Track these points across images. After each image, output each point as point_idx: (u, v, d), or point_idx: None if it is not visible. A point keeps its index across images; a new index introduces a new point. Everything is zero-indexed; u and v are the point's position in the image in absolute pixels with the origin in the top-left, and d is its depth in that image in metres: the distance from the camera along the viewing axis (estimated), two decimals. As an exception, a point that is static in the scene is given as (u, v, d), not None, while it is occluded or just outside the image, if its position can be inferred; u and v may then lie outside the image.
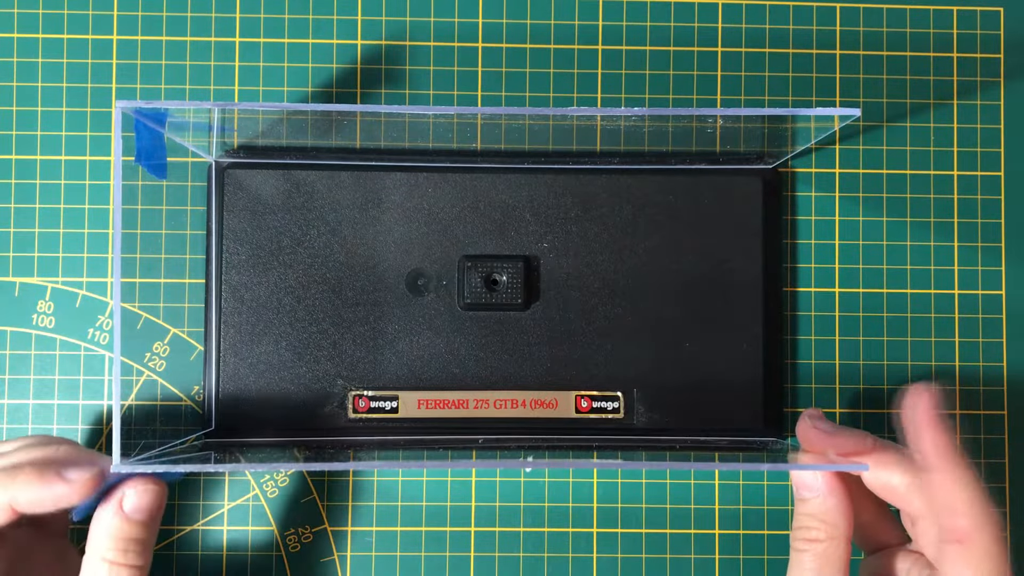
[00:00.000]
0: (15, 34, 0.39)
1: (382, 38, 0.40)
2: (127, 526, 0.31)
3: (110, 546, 0.31)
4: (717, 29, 0.40)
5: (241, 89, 0.39)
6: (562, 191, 0.39)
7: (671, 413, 0.38)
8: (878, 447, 0.32)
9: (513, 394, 0.38)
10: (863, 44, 0.40)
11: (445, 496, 0.39)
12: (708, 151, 0.40)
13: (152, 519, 0.32)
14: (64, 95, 0.39)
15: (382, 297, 0.38)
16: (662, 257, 0.39)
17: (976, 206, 0.40)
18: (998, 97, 0.41)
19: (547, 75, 0.40)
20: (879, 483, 0.32)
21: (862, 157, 0.40)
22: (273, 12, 0.40)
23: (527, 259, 0.38)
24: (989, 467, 0.40)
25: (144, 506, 0.32)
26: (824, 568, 0.32)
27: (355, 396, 0.38)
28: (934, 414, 0.31)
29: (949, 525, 0.31)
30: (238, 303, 0.38)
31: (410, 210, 0.38)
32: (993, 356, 0.40)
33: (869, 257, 0.40)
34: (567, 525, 0.39)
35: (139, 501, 0.32)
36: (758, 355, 0.38)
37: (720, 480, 0.39)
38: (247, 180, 0.38)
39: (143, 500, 0.32)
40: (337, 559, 0.39)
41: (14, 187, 0.39)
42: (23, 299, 0.39)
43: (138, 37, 0.39)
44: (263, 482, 0.39)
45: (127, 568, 0.31)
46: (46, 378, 0.39)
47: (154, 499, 0.32)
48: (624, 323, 0.38)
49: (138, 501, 0.32)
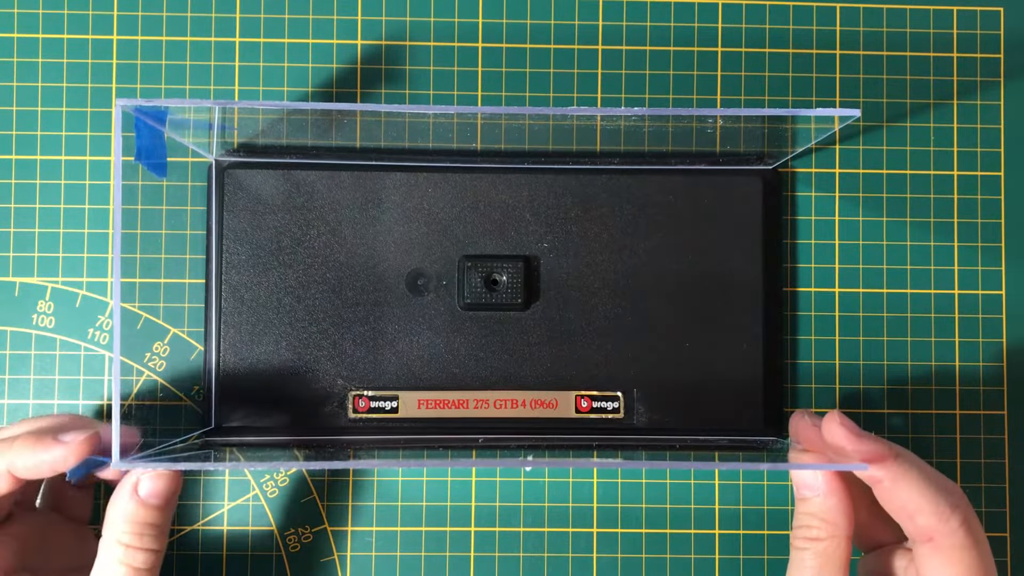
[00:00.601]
0: (15, 34, 0.39)
1: (382, 38, 0.40)
2: (143, 510, 0.32)
3: (126, 529, 0.32)
4: (717, 29, 0.40)
5: (241, 89, 0.39)
6: (562, 191, 0.39)
7: (671, 413, 0.38)
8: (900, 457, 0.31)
9: (513, 394, 0.38)
10: (863, 44, 0.41)
11: (445, 496, 0.39)
12: (708, 151, 0.40)
13: (167, 503, 0.32)
14: (64, 95, 0.39)
15: (382, 297, 0.38)
16: (662, 257, 0.39)
17: (976, 206, 0.40)
18: (998, 97, 0.41)
19: (547, 75, 0.40)
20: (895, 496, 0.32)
21: (862, 157, 0.40)
22: (273, 12, 0.40)
23: (527, 259, 0.38)
24: (989, 467, 0.40)
25: (159, 491, 0.32)
26: (825, 567, 0.32)
27: (355, 396, 0.38)
28: (849, 428, 0.31)
29: (912, 528, 0.31)
30: (238, 303, 0.38)
31: (410, 210, 0.38)
32: (993, 356, 0.40)
33: (869, 257, 0.40)
34: (567, 525, 0.39)
35: (154, 486, 0.32)
36: (758, 355, 0.38)
37: (720, 480, 0.39)
38: (247, 180, 0.38)
39: (158, 485, 0.32)
40: (337, 559, 0.39)
41: (14, 187, 0.39)
42: (23, 299, 0.39)
43: (138, 37, 0.39)
44: (263, 482, 0.39)
45: (142, 551, 0.32)
46: (46, 378, 0.39)
47: (169, 484, 0.32)
48: (624, 323, 0.38)
49: (153, 486, 0.32)
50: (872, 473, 0.31)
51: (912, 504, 0.31)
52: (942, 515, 0.30)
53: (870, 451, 0.31)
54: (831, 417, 0.32)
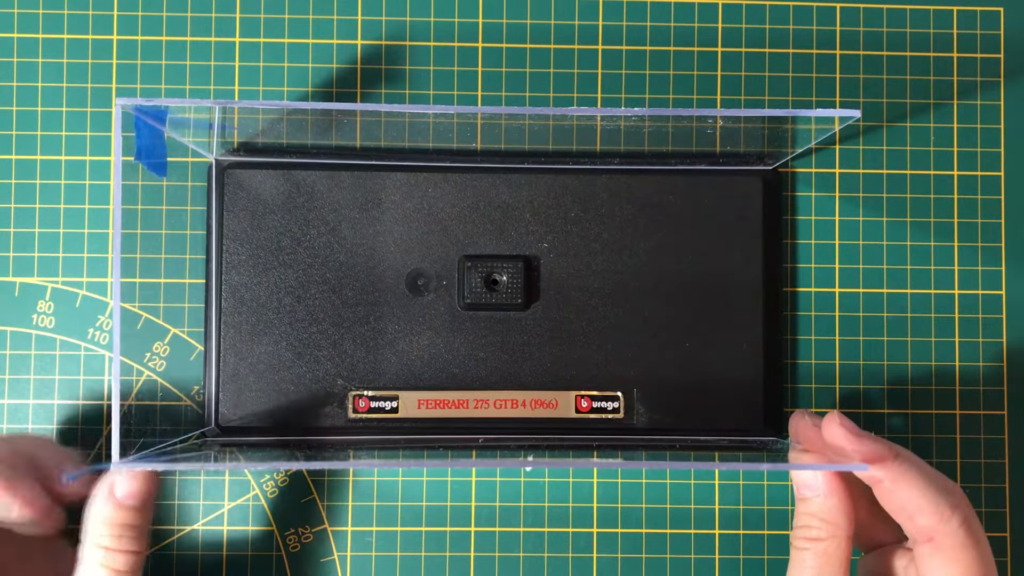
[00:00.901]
0: (15, 34, 0.39)
1: (382, 38, 0.40)
2: (120, 512, 0.32)
3: (104, 532, 0.32)
4: (717, 29, 0.40)
5: (241, 89, 0.39)
6: (562, 191, 0.39)
7: (671, 413, 0.38)
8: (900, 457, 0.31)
9: (513, 394, 0.38)
10: (863, 44, 0.41)
11: (445, 496, 0.39)
12: (708, 151, 0.40)
13: (144, 504, 0.32)
14: (64, 95, 0.39)
15: (382, 297, 0.38)
16: (662, 257, 0.39)
17: (976, 206, 0.40)
18: (998, 97, 0.41)
19: (547, 75, 0.40)
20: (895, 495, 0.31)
21: (862, 157, 0.40)
22: (273, 12, 0.40)
23: (527, 259, 0.38)
24: (989, 467, 0.40)
25: (135, 491, 0.32)
26: (825, 567, 0.32)
27: (355, 396, 0.38)
28: (849, 429, 0.31)
29: (911, 528, 0.31)
30: (238, 303, 0.38)
31: (410, 210, 0.38)
32: (993, 356, 0.40)
33: (869, 257, 0.40)
34: (567, 525, 0.39)
35: (130, 487, 0.32)
36: (758, 355, 0.38)
37: (720, 480, 0.39)
38: (247, 180, 0.38)
39: (133, 485, 0.32)
40: (337, 559, 0.39)
41: (14, 187, 0.39)
42: (23, 299, 0.39)
43: (138, 37, 0.39)
44: (263, 482, 0.39)
45: (122, 553, 0.32)
46: (46, 378, 0.39)
47: (144, 484, 0.32)
48: (624, 323, 0.38)
49: (129, 487, 0.32)
50: (872, 473, 0.31)
51: (912, 504, 0.31)
52: (942, 515, 0.30)
53: (870, 451, 0.31)
54: (831, 417, 0.32)
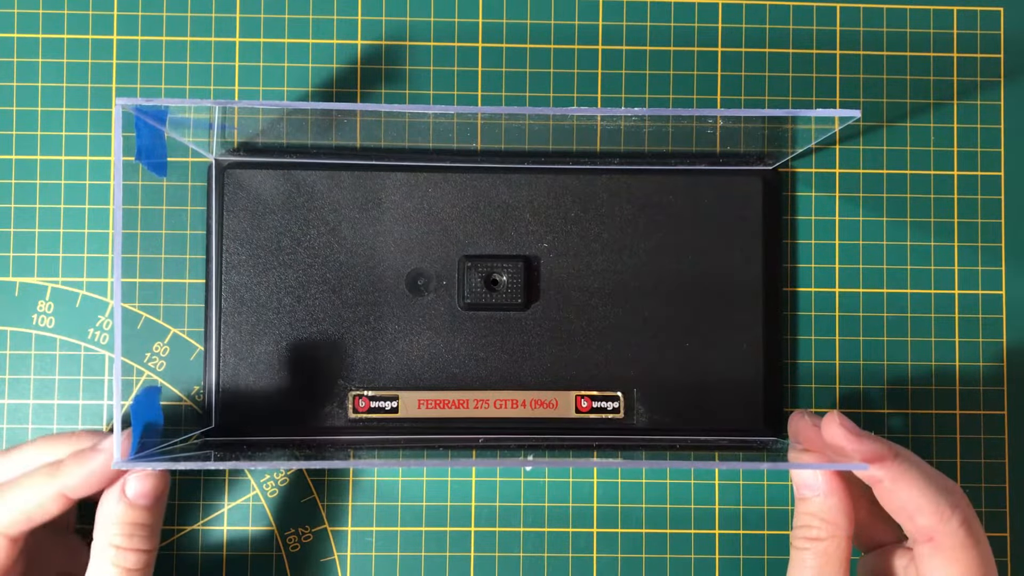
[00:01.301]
0: (15, 34, 0.39)
1: (382, 38, 0.40)
2: (132, 511, 0.32)
3: (116, 532, 0.32)
4: (717, 29, 0.40)
5: (241, 89, 0.39)
6: (562, 191, 0.39)
7: (671, 413, 0.38)
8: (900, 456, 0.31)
9: (513, 394, 0.38)
10: (863, 44, 0.41)
11: (445, 496, 0.39)
12: (708, 151, 0.40)
13: (156, 503, 0.32)
14: (64, 95, 0.39)
15: (382, 297, 0.38)
16: (662, 257, 0.39)
17: (976, 206, 0.40)
18: (998, 97, 0.41)
19: (547, 75, 0.40)
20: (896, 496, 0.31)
21: (862, 157, 0.40)
22: (273, 12, 0.40)
23: (527, 259, 0.38)
24: (989, 467, 0.40)
25: (147, 491, 0.32)
26: (825, 567, 0.32)
27: (355, 396, 0.38)
28: (849, 428, 0.31)
29: (912, 528, 0.31)
30: (238, 303, 0.38)
31: (410, 210, 0.38)
32: (993, 356, 0.40)
33: (869, 257, 0.40)
34: (567, 525, 0.39)
35: (142, 486, 0.32)
36: (758, 355, 0.38)
37: (720, 480, 0.39)
38: (247, 180, 0.38)
39: (146, 485, 0.32)
40: (337, 559, 0.39)
41: (14, 187, 0.39)
42: (23, 299, 0.39)
43: (138, 37, 0.39)
44: (263, 482, 0.39)
45: (133, 552, 0.32)
46: (46, 378, 0.39)
47: (156, 483, 0.32)
48: (624, 323, 0.38)
49: (141, 486, 0.32)
50: (872, 473, 0.31)
51: (912, 504, 0.31)
52: (942, 515, 0.30)
53: (870, 451, 0.31)
54: (831, 417, 0.32)
